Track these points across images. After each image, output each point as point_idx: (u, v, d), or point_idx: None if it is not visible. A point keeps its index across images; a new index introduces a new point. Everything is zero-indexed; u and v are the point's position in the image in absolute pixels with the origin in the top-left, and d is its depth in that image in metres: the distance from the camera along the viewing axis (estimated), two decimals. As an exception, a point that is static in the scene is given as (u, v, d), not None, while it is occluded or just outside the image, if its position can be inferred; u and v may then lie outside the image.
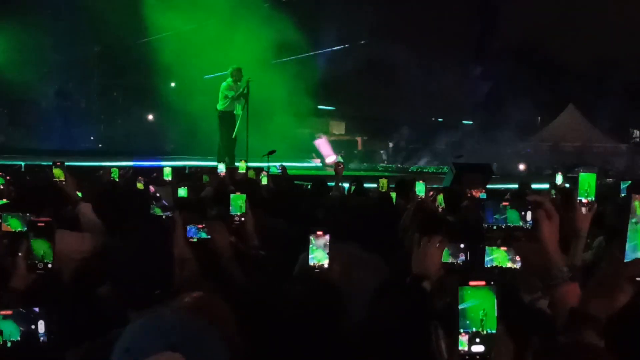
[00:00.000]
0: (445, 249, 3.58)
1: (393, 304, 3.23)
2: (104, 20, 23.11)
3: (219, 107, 17.33)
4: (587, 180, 3.62)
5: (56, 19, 22.68)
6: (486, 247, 3.67)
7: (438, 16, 24.72)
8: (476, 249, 3.66)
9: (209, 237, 4.29)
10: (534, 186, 12.68)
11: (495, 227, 2.88)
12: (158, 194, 4.49)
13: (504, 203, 2.86)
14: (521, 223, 2.81)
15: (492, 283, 2.10)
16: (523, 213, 2.80)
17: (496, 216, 2.86)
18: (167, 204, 4.49)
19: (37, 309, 2.74)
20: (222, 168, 10.45)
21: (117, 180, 9.77)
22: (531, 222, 2.78)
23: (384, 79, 26.43)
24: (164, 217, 4.31)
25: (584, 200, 3.61)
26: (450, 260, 3.67)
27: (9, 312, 2.73)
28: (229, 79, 17.35)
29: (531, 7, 24.50)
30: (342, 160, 9.92)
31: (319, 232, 3.64)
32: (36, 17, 22.46)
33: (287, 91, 23.29)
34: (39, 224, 3.51)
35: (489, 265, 3.71)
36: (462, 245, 3.69)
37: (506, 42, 25.65)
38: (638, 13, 29.20)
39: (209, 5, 22.62)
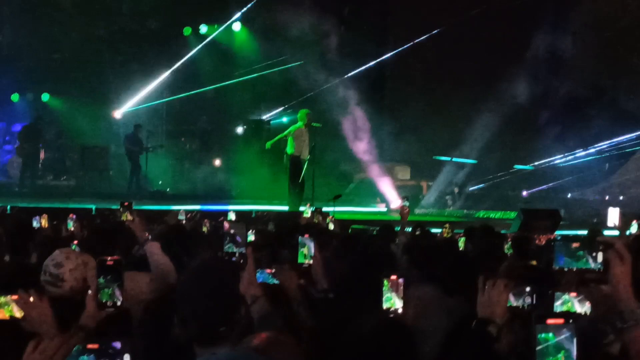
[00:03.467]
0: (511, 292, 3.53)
1: (461, 348, 3.21)
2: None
3: (289, 151, 17.43)
4: None
5: (126, 70, 23.28)
6: (555, 292, 3.62)
7: (509, 66, 24.61)
8: (544, 292, 3.61)
9: (278, 282, 4.32)
10: (604, 233, 12.46)
11: (566, 269, 2.85)
12: (232, 231, 4.54)
13: (575, 244, 2.83)
14: (592, 265, 2.78)
15: (570, 321, 2.04)
16: (594, 255, 2.77)
17: (567, 258, 2.83)
18: (240, 241, 4.54)
19: (118, 344, 2.76)
20: (307, 212, 10.52)
21: (184, 222, 9.92)
22: (602, 263, 2.74)
23: (450, 124, 26.33)
24: (237, 253, 4.35)
25: None
26: (516, 304, 3.62)
27: (95, 345, 2.74)
28: (300, 123, 17.47)
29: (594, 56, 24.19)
30: (407, 204, 9.87)
31: (393, 277, 3.63)
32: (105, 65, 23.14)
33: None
34: (108, 263, 3.57)
35: (558, 311, 3.65)
36: (527, 289, 3.64)
37: (573, 87, 25.29)
38: None
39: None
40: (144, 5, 22.14)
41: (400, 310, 3.56)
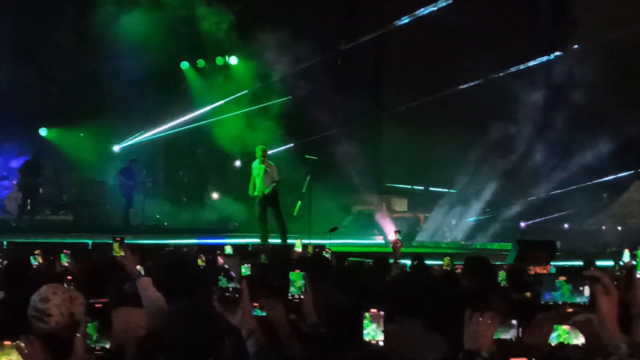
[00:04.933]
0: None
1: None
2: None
3: (268, 191, 17.52)
4: None
5: (124, 104, 23.34)
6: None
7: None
8: (530, 325, 3.62)
9: (265, 314, 4.33)
10: (598, 263, 12.45)
11: (552, 303, 2.86)
12: (226, 266, 4.56)
13: (561, 278, 2.83)
14: (578, 300, 2.78)
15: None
16: (581, 288, 2.77)
17: (552, 292, 2.84)
18: (234, 275, 4.55)
19: None
20: (298, 246, 10.51)
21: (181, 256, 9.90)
22: (589, 297, 2.75)
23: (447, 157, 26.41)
24: (230, 288, 4.35)
25: None
26: (503, 337, 3.63)
27: None
28: (256, 160, 17.58)
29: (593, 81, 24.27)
30: (400, 238, 9.87)
31: (373, 310, 3.65)
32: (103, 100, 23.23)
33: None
34: (96, 305, 3.56)
35: (554, 342, 3.66)
36: (513, 322, 3.65)
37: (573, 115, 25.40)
38: None
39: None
40: (143, 39, 22.25)
41: (381, 343, 3.58)
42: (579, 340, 3.64)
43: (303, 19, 23.27)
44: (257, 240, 17.81)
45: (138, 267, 6.29)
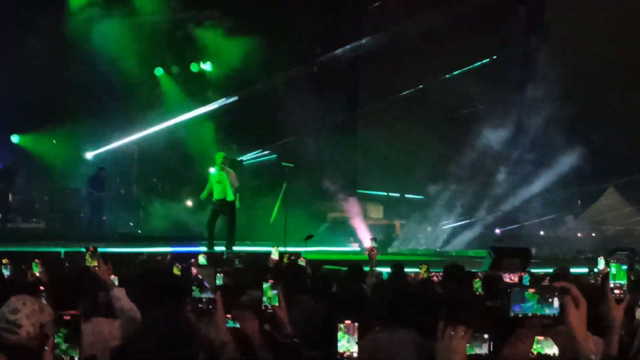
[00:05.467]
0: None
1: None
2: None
3: (231, 197, 17.52)
4: (618, 270, 3.51)
5: (97, 111, 23.23)
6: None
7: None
8: (503, 339, 3.60)
9: (238, 326, 4.31)
10: (572, 270, 12.52)
11: (521, 315, 2.86)
12: (200, 276, 4.53)
13: (530, 290, 2.83)
14: (547, 311, 2.78)
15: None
16: (550, 300, 2.77)
17: (522, 304, 2.84)
18: (208, 286, 4.51)
19: None
20: (275, 254, 10.50)
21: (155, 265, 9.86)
22: (558, 309, 2.75)
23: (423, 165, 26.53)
24: (204, 299, 4.32)
25: (616, 291, 3.46)
26: (476, 352, 3.61)
27: None
28: (216, 167, 17.58)
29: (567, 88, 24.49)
30: (376, 245, 9.86)
31: (347, 321, 3.65)
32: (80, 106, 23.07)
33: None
34: (65, 317, 3.51)
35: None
36: (485, 336, 3.64)
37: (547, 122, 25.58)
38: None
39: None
40: (116, 46, 22.15)
41: (355, 355, 3.58)
42: (552, 350, 3.65)
43: (277, 24, 23.29)
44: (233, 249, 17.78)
45: (112, 276, 6.25)
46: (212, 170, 17.88)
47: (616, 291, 3.34)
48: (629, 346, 5.53)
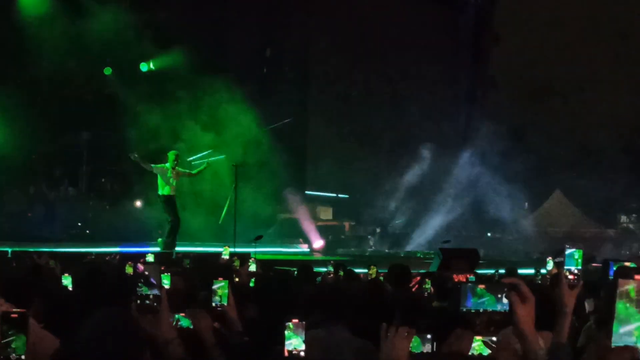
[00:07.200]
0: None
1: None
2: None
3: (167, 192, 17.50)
4: (574, 255, 3.55)
5: (47, 106, 22.93)
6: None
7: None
8: (449, 336, 3.65)
9: (191, 326, 4.30)
10: (520, 271, 12.68)
11: (473, 311, 2.89)
12: (146, 272, 4.49)
13: (481, 286, 2.87)
14: (498, 307, 2.82)
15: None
16: (499, 296, 2.81)
17: (474, 300, 2.88)
18: (154, 282, 4.48)
19: None
20: (226, 254, 10.48)
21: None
22: (508, 304, 2.79)
23: (372, 165, 26.66)
24: (151, 296, 4.29)
25: (570, 276, 3.51)
26: (420, 350, 3.66)
27: None
28: (168, 164, 17.55)
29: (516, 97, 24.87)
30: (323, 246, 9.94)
31: (295, 320, 3.67)
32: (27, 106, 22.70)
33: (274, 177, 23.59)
34: (12, 315, 3.46)
35: (471, 354, 3.72)
36: (428, 336, 3.69)
37: (495, 127, 25.87)
38: (618, 103, 29.79)
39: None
40: (65, 45, 21.88)
41: (302, 353, 3.61)
42: (488, 351, 3.71)
43: (227, 22, 23.25)
44: (180, 249, 17.73)
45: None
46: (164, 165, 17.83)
47: (570, 276, 3.40)
48: (578, 331, 5.65)
